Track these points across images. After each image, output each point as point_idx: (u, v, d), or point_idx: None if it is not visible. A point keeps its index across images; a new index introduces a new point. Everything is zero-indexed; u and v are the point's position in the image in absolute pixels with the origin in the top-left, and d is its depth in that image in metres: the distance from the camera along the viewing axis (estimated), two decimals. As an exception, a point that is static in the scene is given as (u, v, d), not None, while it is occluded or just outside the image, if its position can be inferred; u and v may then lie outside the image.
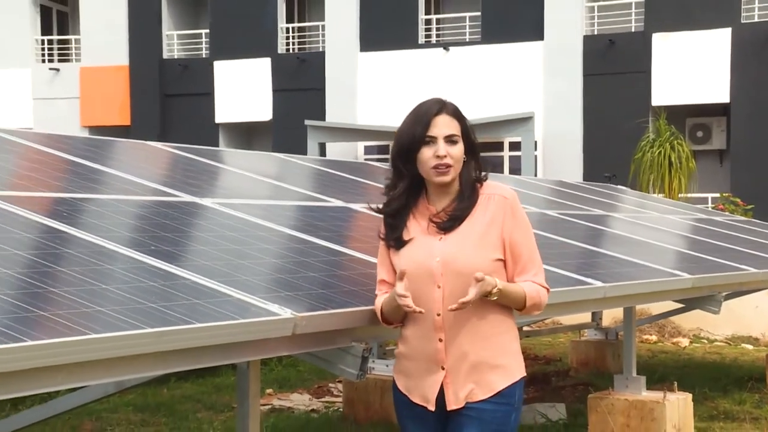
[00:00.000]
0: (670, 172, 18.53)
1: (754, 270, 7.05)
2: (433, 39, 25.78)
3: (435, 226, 3.40)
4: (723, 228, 9.52)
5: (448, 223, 3.39)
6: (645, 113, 22.64)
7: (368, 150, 25.16)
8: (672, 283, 5.97)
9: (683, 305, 7.38)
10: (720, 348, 11.96)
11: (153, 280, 3.32)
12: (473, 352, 3.37)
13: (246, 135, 27.62)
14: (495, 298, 3.31)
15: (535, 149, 23.36)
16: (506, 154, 24.05)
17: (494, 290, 3.28)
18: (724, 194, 18.68)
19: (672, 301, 7.18)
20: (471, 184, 3.43)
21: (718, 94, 22.64)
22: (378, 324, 3.53)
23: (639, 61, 23.10)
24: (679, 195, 18.20)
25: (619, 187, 12.47)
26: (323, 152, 24.59)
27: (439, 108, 3.40)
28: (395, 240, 3.44)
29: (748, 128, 22.24)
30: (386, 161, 3.55)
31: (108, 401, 7.77)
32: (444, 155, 3.34)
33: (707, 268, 6.66)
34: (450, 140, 3.37)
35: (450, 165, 3.36)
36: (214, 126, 26.83)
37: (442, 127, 3.37)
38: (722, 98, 22.66)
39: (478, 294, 3.24)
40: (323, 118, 25.45)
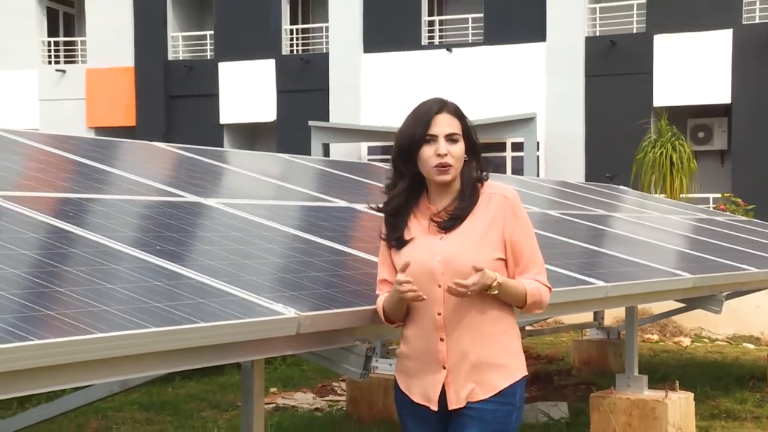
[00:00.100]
0: (672, 173, 18.51)
1: (755, 270, 7.06)
2: (436, 40, 25.78)
3: (436, 226, 3.39)
4: (724, 228, 9.53)
5: (449, 223, 3.38)
6: (647, 114, 22.63)
7: (372, 150, 25.16)
8: (673, 283, 5.98)
9: (685, 305, 7.37)
10: (721, 347, 11.95)
11: (158, 280, 3.33)
12: (474, 352, 3.36)
13: (250, 136, 27.63)
14: (495, 293, 3.30)
15: (538, 150, 23.38)
16: (509, 155, 24.05)
17: (494, 284, 3.27)
18: (725, 194, 18.67)
19: (673, 301, 7.20)
20: (472, 184, 3.42)
21: (720, 95, 22.63)
22: (381, 323, 3.53)
23: (641, 62, 23.09)
24: (681, 195, 18.18)
25: (621, 188, 12.47)
26: (327, 153, 24.59)
27: (440, 107, 3.38)
28: (396, 240, 3.43)
29: (749, 129, 22.24)
30: (389, 162, 3.55)
31: (113, 400, 7.77)
32: (445, 153, 3.33)
33: (708, 268, 6.66)
34: (451, 139, 3.36)
35: (451, 164, 3.34)
36: (219, 127, 26.84)
37: (443, 126, 3.35)
38: (723, 99, 22.65)
39: (479, 283, 3.23)
40: (327, 119, 25.46)
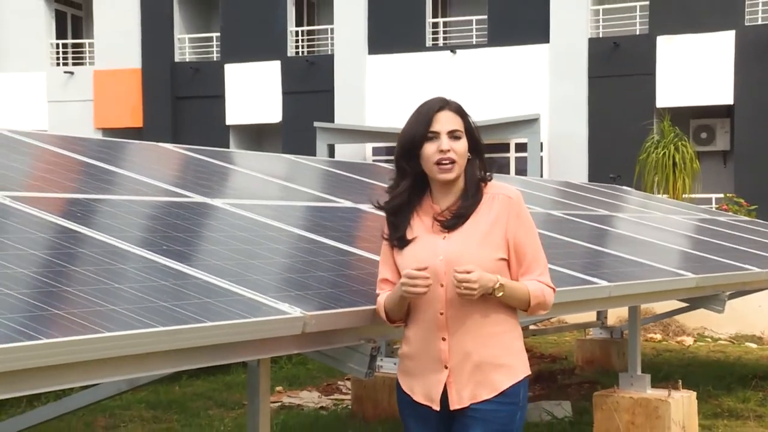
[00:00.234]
0: (675, 173, 18.52)
1: (758, 270, 7.07)
2: (441, 42, 25.80)
3: (439, 225, 3.38)
4: (726, 228, 9.53)
5: (452, 221, 3.36)
6: (650, 115, 22.63)
7: (376, 151, 25.16)
8: (676, 283, 5.99)
9: (687, 304, 7.38)
10: (724, 346, 11.95)
11: (165, 280, 3.34)
12: (476, 352, 3.35)
13: (256, 137, 27.65)
14: (500, 294, 3.29)
15: (541, 150, 23.40)
16: (512, 156, 24.06)
17: (497, 285, 3.27)
18: (728, 195, 18.70)
19: (676, 301, 7.22)
20: (475, 183, 3.40)
21: (722, 96, 22.63)
22: (384, 323, 3.53)
23: (644, 64, 23.09)
24: (683, 195, 18.18)
25: (624, 188, 12.49)
26: (332, 154, 24.62)
27: (442, 105, 3.39)
28: (398, 239, 3.42)
29: (752, 129, 22.23)
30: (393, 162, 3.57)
31: (121, 398, 7.81)
32: (447, 149, 3.32)
33: (711, 268, 6.66)
34: (453, 135, 3.35)
35: (453, 160, 3.33)
36: (225, 128, 26.87)
37: (445, 123, 3.35)
38: (726, 100, 22.65)
39: (481, 278, 3.22)
40: (332, 120, 25.48)
